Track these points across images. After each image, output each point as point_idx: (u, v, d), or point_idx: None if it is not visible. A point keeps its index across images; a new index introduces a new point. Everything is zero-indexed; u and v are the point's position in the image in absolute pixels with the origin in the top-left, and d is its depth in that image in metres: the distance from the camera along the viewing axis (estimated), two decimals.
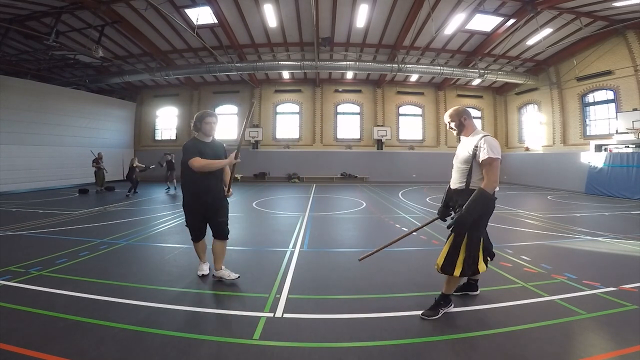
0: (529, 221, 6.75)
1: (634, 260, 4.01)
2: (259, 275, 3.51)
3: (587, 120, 13.54)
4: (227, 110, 18.04)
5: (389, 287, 3.17)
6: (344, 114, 18.35)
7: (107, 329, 2.33)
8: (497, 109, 18.43)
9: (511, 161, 16.75)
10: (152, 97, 18.60)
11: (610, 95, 12.44)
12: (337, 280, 3.38)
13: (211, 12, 10.58)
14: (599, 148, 11.99)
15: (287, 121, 18.28)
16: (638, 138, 10.64)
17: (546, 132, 15.25)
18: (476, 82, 16.48)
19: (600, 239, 5.15)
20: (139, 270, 3.62)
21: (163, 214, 7.29)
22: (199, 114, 3.20)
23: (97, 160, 11.79)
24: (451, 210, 2.76)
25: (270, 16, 11.19)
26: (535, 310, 2.66)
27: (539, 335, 2.28)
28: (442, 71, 13.95)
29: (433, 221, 3.00)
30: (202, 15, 10.58)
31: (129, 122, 17.78)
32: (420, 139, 18.29)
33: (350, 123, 18.31)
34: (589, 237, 5.24)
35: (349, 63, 13.57)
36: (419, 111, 18.36)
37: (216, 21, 11.14)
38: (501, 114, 18.39)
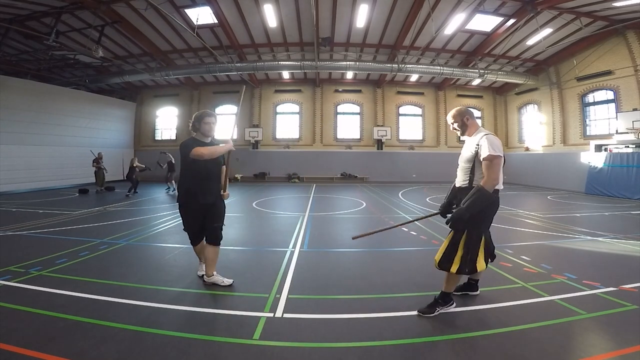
0: (529, 221, 6.75)
1: (634, 260, 4.01)
2: (259, 275, 3.50)
3: (587, 120, 13.54)
4: (227, 110, 18.03)
5: (389, 287, 3.16)
6: (344, 114, 18.36)
7: (107, 329, 2.33)
8: (497, 109, 18.43)
9: (511, 161, 16.73)
10: (152, 97, 18.61)
11: (610, 95, 12.45)
12: (337, 280, 3.38)
13: (211, 12, 10.58)
14: (599, 148, 11.99)
15: (287, 121, 18.28)
16: (638, 138, 10.64)
17: (546, 132, 15.25)
18: (476, 82, 16.48)
19: (600, 239, 5.15)
20: (139, 270, 3.62)
21: (163, 214, 7.29)
22: (197, 113, 3.12)
23: (97, 160, 11.79)
24: (453, 207, 2.77)
25: (270, 16, 11.19)
26: (535, 310, 2.66)
27: (539, 335, 2.28)
28: (442, 71, 13.96)
29: (434, 215, 3.02)
30: (202, 15, 10.59)
31: (129, 122, 17.78)
32: (420, 139, 18.29)
33: (350, 123, 18.31)
34: (589, 237, 5.24)
35: (349, 63, 13.57)
36: (419, 111, 18.37)
37: (216, 21, 11.15)
38: (501, 114, 18.39)
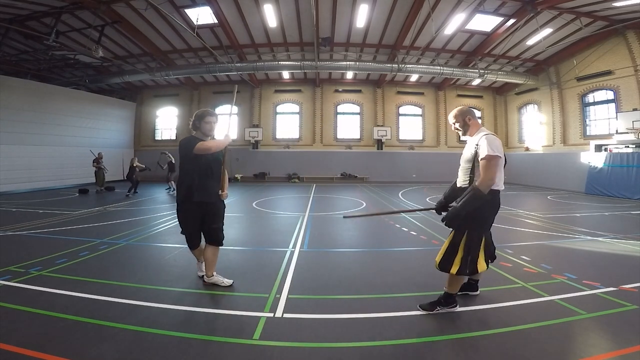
0: (529, 221, 6.75)
1: (634, 260, 4.01)
2: (259, 275, 3.50)
3: (587, 120, 13.54)
4: (227, 110, 18.02)
5: (389, 287, 3.16)
6: (344, 114, 18.35)
7: (107, 329, 2.33)
8: (497, 109, 18.43)
9: (511, 161, 16.62)
10: (152, 97, 18.61)
11: (610, 95, 12.44)
12: (337, 280, 3.38)
13: (211, 12, 10.58)
14: (599, 148, 11.99)
15: (287, 121, 18.28)
16: (638, 138, 10.64)
17: (546, 132, 15.25)
18: (476, 82, 16.48)
19: (600, 239, 5.15)
20: (139, 270, 3.62)
21: (163, 214, 7.29)
22: (199, 112, 3.07)
23: (97, 160, 11.79)
24: (450, 206, 2.77)
25: (270, 16, 11.19)
26: (535, 310, 2.66)
27: (539, 335, 2.28)
28: (442, 71, 13.95)
29: (428, 210, 3.04)
30: (202, 15, 10.59)
31: (129, 122, 17.78)
32: (420, 139, 18.29)
33: (350, 123, 18.31)
34: (589, 237, 5.24)
35: (349, 63, 13.57)
36: (419, 111, 18.37)
37: (216, 21, 11.15)
38: (501, 114, 18.38)
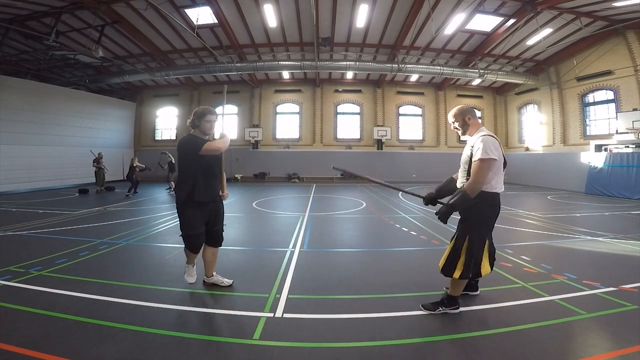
0: (529, 221, 6.76)
1: (634, 260, 4.01)
2: (259, 275, 3.50)
3: (587, 120, 13.53)
4: (227, 110, 17.89)
5: (389, 287, 3.16)
6: (344, 114, 18.34)
7: (107, 329, 2.33)
8: (497, 109, 18.42)
9: (511, 161, 16.47)
10: (152, 97, 18.60)
11: (610, 95, 12.44)
12: (337, 280, 3.38)
13: (211, 12, 10.58)
14: (599, 148, 11.98)
15: (287, 121, 18.26)
16: (638, 138, 10.64)
17: (546, 132, 15.24)
18: (476, 82, 16.47)
19: (600, 239, 5.15)
20: (139, 270, 3.62)
21: (163, 214, 7.29)
22: (199, 110, 2.95)
23: (97, 160, 11.79)
24: (435, 201, 2.73)
25: (270, 16, 11.18)
26: (535, 310, 2.66)
27: (539, 335, 2.28)
28: (442, 71, 13.95)
29: (418, 197, 2.89)
30: (202, 15, 10.59)
31: (129, 122, 17.78)
32: (420, 139, 18.29)
33: (350, 123, 18.30)
34: (589, 237, 5.24)
35: (349, 63, 13.56)
36: (419, 111, 18.36)
37: (216, 21, 11.14)
38: (501, 114, 18.38)
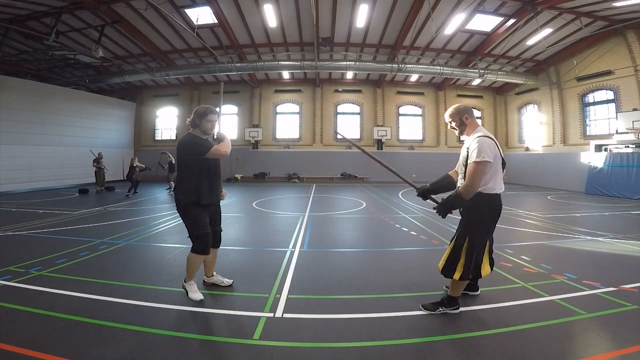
0: (529, 221, 6.75)
1: (634, 260, 4.01)
2: (259, 275, 3.50)
3: (587, 120, 13.53)
4: (227, 110, 18.01)
5: (389, 287, 3.16)
6: (344, 114, 18.35)
7: (107, 329, 2.33)
8: (497, 109, 18.42)
9: (511, 161, 16.67)
10: (152, 97, 18.60)
11: (610, 95, 12.43)
12: (337, 280, 3.38)
13: (211, 12, 10.58)
14: (599, 148, 11.99)
15: (287, 121, 18.26)
16: (638, 138, 10.64)
17: (546, 132, 15.24)
18: (476, 82, 16.47)
19: (600, 239, 5.15)
20: (139, 270, 3.62)
21: (163, 214, 7.29)
22: (200, 109, 2.87)
23: (97, 160, 11.79)
24: (426, 195, 2.78)
25: (270, 16, 11.18)
26: (535, 310, 2.66)
27: (539, 335, 2.28)
28: (442, 71, 13.95)
29: (413, 186, 2.97)
30: (202, 15, 10.59)
31: (129, 122, 17.78)
32: (420, 139, 18.29)
33: (350, 123, 18.31)
34: (589, 237, 5.24)
35: (349, 63, 13.56)
36: (419, 111, 18.36)
37: (216, 21, 11.14)
38: (501, 114, 18.38)
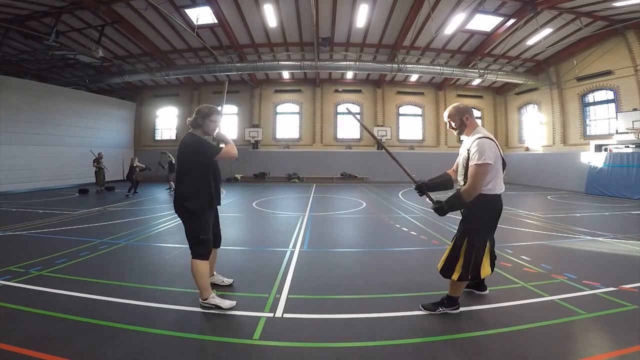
0: (529, 221, 6.75)
1: (634, 260, 4.01)
2: (259, 275, 3.50)
3: (587, 120, 13.53)
4: (227, 110, 18.00)
5: (389, 287, 3.16)
6: (344, 114, 18.32)
7: (107, 329, 2.33)
8: (497, 109, 18.43)
9: (511, 161, 16.62)
10: (152, 97, 18.60)
11: (610, 95, 12.43)
12: (337, 280, 3.38)
13: (211, 12, 10.58)
14: (599, 148, 11.98)
15: (287, 121, 18.26)
16: (638, 138, 10.64)
17: (546, 132, 15.24)
18: (476, 82, 16.47)
19: (600, 239, 5.15)
20: (139, 270, 3.62)
21: (163, 214, 7.29)
22: (204, 109, 2.74)
23: (97, 160, 11.79)
24: (422, 189, 2.70)
25: (270, 16, 11.18)
26: (535, 310, 2.66)
27: (539, 335, 2.28)
28: (442, 71, 13.95)
29: (412, 178, 2.81)
30: (202, 15, 10.58)
31: (129, 122, 17.78)
32: (420, 139, 18.29)
33: (351, 123, 18.29)
34: (589, 237, 5.24)
35: (349, 63, 13.56)
36: (419, 111, 18.36)
37: (216, 21, 11.14)
38: (501, 114, 18.38)
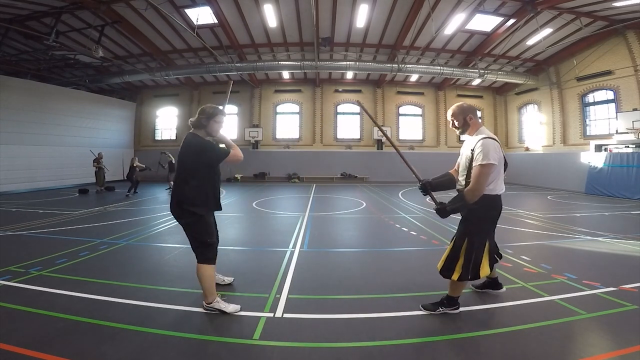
0: (529, 221, 6.75)
1: (634, 260, 4.01)
2: (259, 275, 3.50)
3: (587, 120, 13.53)
4: (227, 110, 17.91)
5: (389, 287, 3.16)
6: (344, 114, 18.34)
7: (107, 329, 2.33)
8: (497, 109, 18.43)
9: (511, 161, 16.34)
10: (152, 97, 18.60)
11: (610, 95, 12.43)
12: (337, 280, 3.38)
13: (211, 12, 10.57)
14: (599, 148, 11.98)
15: (287, 121, 18.26)
16: (638, 138, 10.64)
17: (546, 132, 15.24)
18: (476, 82, 16.46)
19: (600, 239, 5.15)
20: (139, 270, 3.62)
21: (163, 214, 7.28)
22: (209, 109, 2.63)
23: (97, 160, 11.79)
24: (427, 188, 2.64)
25: (270, 16, 11.18)
26: (535, 310, 2.66)
27: (539, 335, 2.28)
28: (442, 71, 13.94)
29: (417, 176, 2.72)
30: (202, 15, 10.58)
31: (129, 122, 17.77)
32: (420, 139, 18.28)
33: (350, 123, 18.31)
34: (589, 237, 5.24)
35: (349, 63, 13.56)
36: (419, 111, 18.36)
37: (216, 21, 11.14)
38: (501, 114, 18.38)
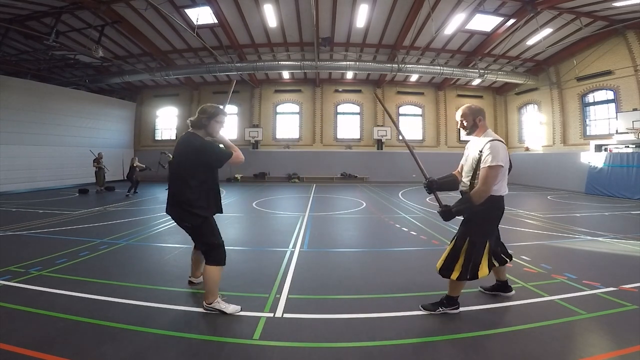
0: (529, 221, 6.75)
1: (634, 260, 4.01)
2: (259, 275, 3.50)
3: (587, 120, 13.53)
4: (228, 110, 17.93)
5: (389, 287, 3.16)
6: (344, 114, 18.35)
7: (107, 329, 2.33)
8: (497, 109, 18.43)
9: (512, 161, 16.67)
10: (152, 97, 18.60)
11: (610, 95, 12.44)
12: (337, 280, 3.38)
13: (211, 12, 10.57)
14: (599, 148, 11.98)
15: (287, 121, 18.27)
16: (638, 138, 10.64)
17: (546, 132, 15.25)
18: (476, 82, 16.47)
19: (600, 239, 5.15)
20: (139, 270, 3.62)
21: (163, 214, 7.27)
22: (210, 109, 2.59)
23: (97, 160, 11.79)
24: (432, 187, 2.61)
25: (270, 16, 11.18)
26: (535, 310, 2.66)
27: (539, 335, 2.28)
28: (442, 71, 13.95)
29: (424, 173, 2.70)
30: (202, 15, 10.58)
31: (129, 122, 17.78)
32: (420, 139, 18.28)
33: (350, 123, 18.32)
34: (589, 237, 5.24)
35: (349, 63, 13.56)
36: (419, 111, 18.37)
37: (216, 21, 11.14)
38: (501, 114, 18.38)
